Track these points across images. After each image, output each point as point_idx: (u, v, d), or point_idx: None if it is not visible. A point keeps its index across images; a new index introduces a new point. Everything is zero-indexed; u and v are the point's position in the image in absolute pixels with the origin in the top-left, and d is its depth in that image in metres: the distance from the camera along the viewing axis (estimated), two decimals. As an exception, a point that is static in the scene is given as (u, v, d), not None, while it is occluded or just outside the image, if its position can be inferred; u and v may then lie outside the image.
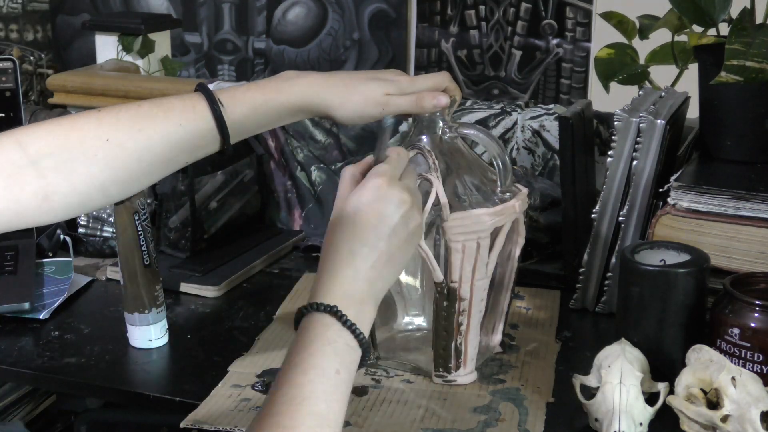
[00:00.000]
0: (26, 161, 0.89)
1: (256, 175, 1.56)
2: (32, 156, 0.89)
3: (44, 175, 0.89)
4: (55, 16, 2.78)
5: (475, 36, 2.59)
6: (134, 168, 0.93)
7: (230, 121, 0.96)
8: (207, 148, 0.97)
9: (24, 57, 2.02)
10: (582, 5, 2.48)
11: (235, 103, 0.97)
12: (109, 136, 0.91)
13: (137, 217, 1.15)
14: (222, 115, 0.95)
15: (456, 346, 1.08)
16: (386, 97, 1.03)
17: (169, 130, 0.93)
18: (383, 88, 1.03)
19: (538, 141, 1.50)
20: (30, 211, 0.89)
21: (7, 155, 0.88)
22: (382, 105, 1.03)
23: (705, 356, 0.99)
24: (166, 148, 0.93)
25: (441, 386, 1.09)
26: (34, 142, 0.89)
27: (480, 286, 1.07)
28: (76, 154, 0.90)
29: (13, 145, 0.89)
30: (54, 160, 0.89)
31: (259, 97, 0.99)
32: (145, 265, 1.17)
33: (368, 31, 2.65)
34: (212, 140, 0.96)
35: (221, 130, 0.96)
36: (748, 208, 1.12)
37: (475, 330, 1.09)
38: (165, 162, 0.95)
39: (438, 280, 1.06)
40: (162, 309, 1.19)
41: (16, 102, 1.50)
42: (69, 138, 0.91)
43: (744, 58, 1.12)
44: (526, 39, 2.55)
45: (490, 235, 1.05)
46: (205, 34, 2.79)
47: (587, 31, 2.49)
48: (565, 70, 2.53)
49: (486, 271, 1.07)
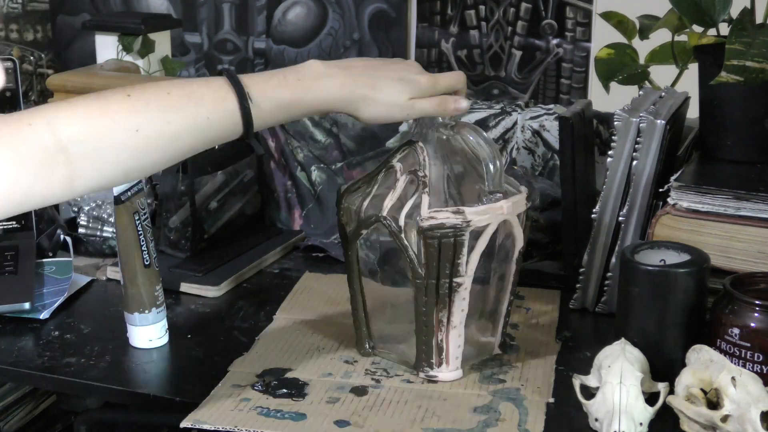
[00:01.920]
0: (58, 147, 0.90)
1: (256, 175, 1.56)
2: (64, 143, 0.90)
3: (72, 161, 0.90)
4: (55, 16, 2.78)
5: (475, 36, 2.59)
6: (158, 156, 0.95)
7: (257, 116, 0.98)
8: (228, 138, 0.99)
9: (24, 57, 2.02)
10: (582, 5, 2.48)
11: (264, 99, 0.99)
12: (139, 127, 0.93)
13: (137, 217, 1.15)
14: (250, 111, 0.97)
15: (437, 343, 1.09)
16: (411, 101, 1.05)
17: (197, 123, 0.96)
18: (407, 92, 1.05)
19: (538, 141, 1.50)
20: (55, 193, 0.91)
21: (39, 140, 0.89)
22: (407, 109, 1.05)
23: (705, 356, 0.99)
24: (191, 139, 0.96)
25: (441, 386, 1.09)
26: (65, 128, 0.90)
27: (461, 284, 1.07)
28: (105, 143, 0.92)
29: (44, 128, 0.90)
30: (84, 147, 0.91)
31: (287, 96, 1.00)
32: (145, 265, 1.17)
33: (368, 31, 2.65)
34: (235, 132, 0.99)
35: (246, 124, 0.98)
36: (748, 208, 1.12)
37: (457, 329, 1.08)
38: (188, 150, 0.97)
39: (416, 276, 1.06)
40: (162, 309, 1.19)
41: (16, 102, 1.50)
42: (99, 126, 0.92)
43: (744, 58, 1.12)
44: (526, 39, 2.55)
45: (469, 234, 1.05)
46: (205, 34, 2.79)
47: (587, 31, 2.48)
48: (565, 70, 2.53)
49: (466, 270, 1.06)
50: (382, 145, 1.56)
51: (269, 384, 1.09)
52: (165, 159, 0.96)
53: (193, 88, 0.96)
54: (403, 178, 1.07)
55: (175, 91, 0.95)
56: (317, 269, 1.43)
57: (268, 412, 1.03)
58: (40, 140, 0.89)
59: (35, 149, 0.89)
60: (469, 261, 1.06)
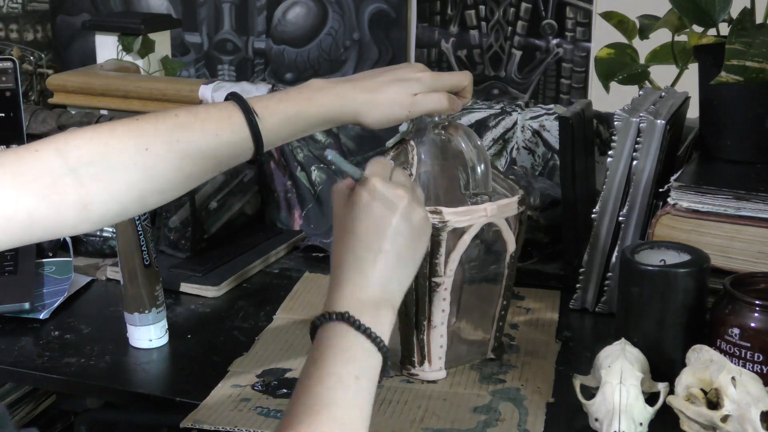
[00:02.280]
0: (66, 170, 0.89)
1: (256, 175, 1.56)
2: (72, 164, 0.89)
3: (83, 184, 0.89)
4: (55, 16, 2.78)
5: (475, 36, 2.59)
6: (171, 177, 0.93)
7: (264, 131, 0.97)
8: (240, 157, 0.98)
9: (24, 57, 2.02)
10: (582, 5, 2.48)
11: (269, 114, 0.98)
12: (148, 146, 0.92)
13: (137, 218, 1.15)
14: (257, 125, 0.96)
15: (419, 341, 1.09)
16: (412, 97, 1.04)
17: (206, 140, 0.95)
18: (408, 89, 1.04)
19: (538, 141, 1.50)
20: (69, 219, 0.90)
21: (46, 164, 0.88)
22: (408, 107, 1.04)
23: (705, 356, 0.99)
24: (202, 157, 0.95)
25: (441, 386, 1.09)
26: (74, 151, 0.90)
27: (440, 284, 1.06)
28: (115, 164, 0.91)
29: (52, 154, 0.89)
30: (94, 169, 0.90)
31: (291, 109, 1.00)
32: (145, 265, 1.17)
33: (368, 31, 2.65)
34: (246, 149, 0.97)
35: (256, 140, 0.97)
36: (748, 208, 1.12)
37: (438, 328, 1.08)
38: (201, 171, 0.96)
39: None
40: (162, 309, 1.19)
41: (16, 102, 1.50)
42: (108, 147, 0.91)
43: (744, 58, 1.12)
44: (526, 39, 2.55)
45: (448, 234, 1.04)
46: (205, 34, 2.79)
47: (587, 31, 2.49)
48: (565, 70, 2.53)
49: (445, 270, 1.06)
50: (382, 144, 1.56)
51: (269, 384, 1.09)
52: (179, 180, 0.94)
53: (199, 109, 0.97)
54: None
55: (183, 112, 0.96)
56: (317, 269, 1.43)
57: (268, 412, 1.03)
58: (45, 164, 0.88)
59: (40, 172, 0.88)
60: (449, 261, 1.06)
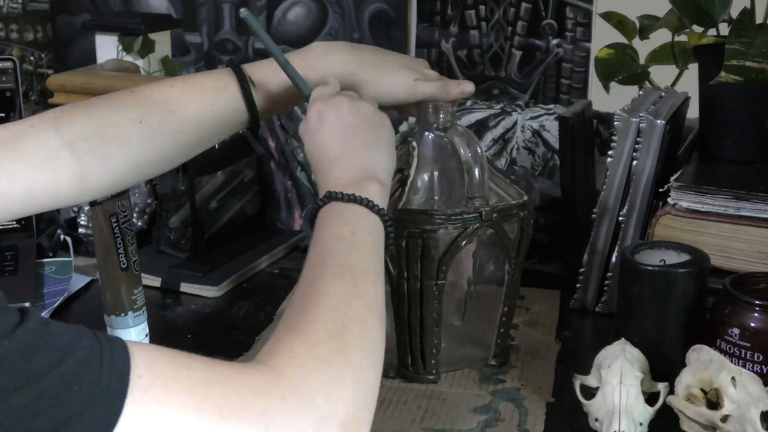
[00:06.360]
0: (62, 144, 0.90)
1: (256, 175, 1.56)
2: (67, 140, 0.90)
3: (80, 158, 0.90)
4: (55, 16, 2.78)
5: (475, 36, 2.59)
6: (167, 148, 0.94)
7: (260, 100, 0.97)
8: (237, 126, 0.98)
9: (24, 57, 2.02)
10: (582, 5, 2.48)
11: (267, 82, 0.98)
12: (143, 119, 0.92)
13: (114, 220, 1.10)
14: (252, 94, 0.96)
15: (412, 345, 1.08)
16: (414, 82, 1.04)
17: (201, 111, 0.95)
18: (411, 75, 1.05)
19: (538, 141, 1.50)
20: (67, 192, 0.91)
21: (43, 140, 0.89)
22: (409, 89, 1.04)
23: (705, 356, 0.99)
24: (197, 128, 0.95)
25: (441, 386, 1.09)
26: (69, 126, 0.91)
27: (433, 286, 1.06)
28: (110, 137, 0.91)
29: (48, 129, 0.90)
30: (89, 144, 0.91)
31: None
32: (122, 268, 1.13)
33: (368, 31, 2.65)
34: (242, 119, 0.98)
35: (250, 109, 0.97)
36: (748, 208, 1.12)
37: (433, 333, 1.08)
38: (197, 141, 0.96)
39: (389, 275, 1.06)
40: (141, 313, 1.14)
41: (16, 102, 1.50)
42: (103, 121, 0.92)
43: (744, 58, 1.12)
44: (526, 39, 2.55)
45: (441, 237, 1.04)
46: (205, 34, 2.79)
47: (587, 31, 2.49)
48: (565, 70, 2.53)
49: (437, 273, 1.06)
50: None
51: (269, 384, 1.08)
52: (175, 151, 0.95)
53: (195, 79, 0.97)
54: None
55: (178, 83, 0.96)
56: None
57: (268, 412, 1.03)
58: (41, 139, 0.89)
59: (37, 147, 0.89)
60: (442, 264, 1.06)
